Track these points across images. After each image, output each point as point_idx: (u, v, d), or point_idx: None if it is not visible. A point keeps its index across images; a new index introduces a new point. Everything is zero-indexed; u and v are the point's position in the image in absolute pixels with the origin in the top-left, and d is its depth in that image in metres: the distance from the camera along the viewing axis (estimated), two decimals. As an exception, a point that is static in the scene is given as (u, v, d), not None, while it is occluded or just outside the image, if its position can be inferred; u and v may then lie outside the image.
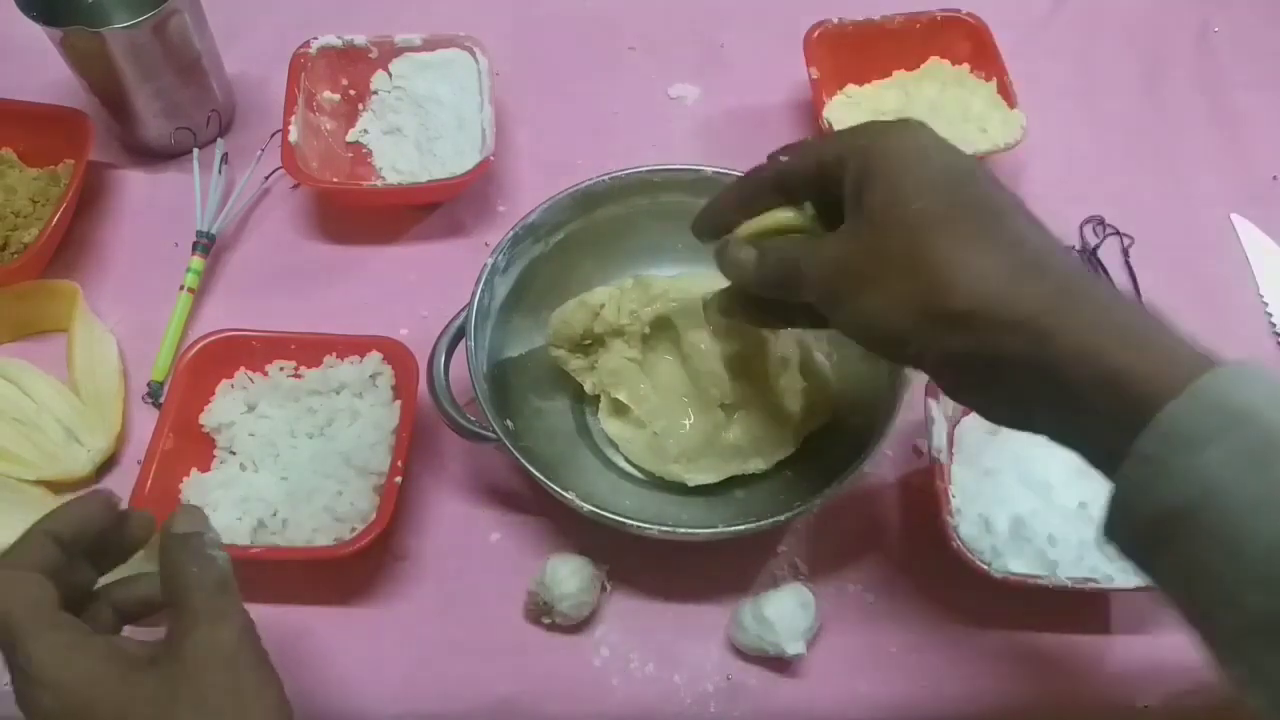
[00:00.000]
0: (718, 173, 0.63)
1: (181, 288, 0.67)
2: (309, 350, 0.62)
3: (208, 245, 0.69)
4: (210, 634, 0.40)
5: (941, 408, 0.59)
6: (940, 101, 0.74)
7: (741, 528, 0.52)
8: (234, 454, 0.59)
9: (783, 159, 0.45)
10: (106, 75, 0.68)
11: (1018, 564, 0.54)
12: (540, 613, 0.55)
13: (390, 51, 0.75)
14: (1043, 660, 0.55)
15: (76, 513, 0.43)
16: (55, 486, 0.60)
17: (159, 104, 0.71)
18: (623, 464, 0.60)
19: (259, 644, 0.42)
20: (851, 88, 0.76)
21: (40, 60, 0.70)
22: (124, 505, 0.46)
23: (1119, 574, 0.53)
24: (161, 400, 0.62)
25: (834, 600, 0.57)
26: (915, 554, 0.58)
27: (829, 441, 0.60)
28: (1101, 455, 0.36)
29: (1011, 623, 0.56)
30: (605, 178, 0.62)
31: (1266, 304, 0.69)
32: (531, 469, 0.53)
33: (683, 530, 0.52)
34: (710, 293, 0.54)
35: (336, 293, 0.69)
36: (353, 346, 0.61)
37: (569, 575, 0.54)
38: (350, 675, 0.55)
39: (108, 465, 0.61)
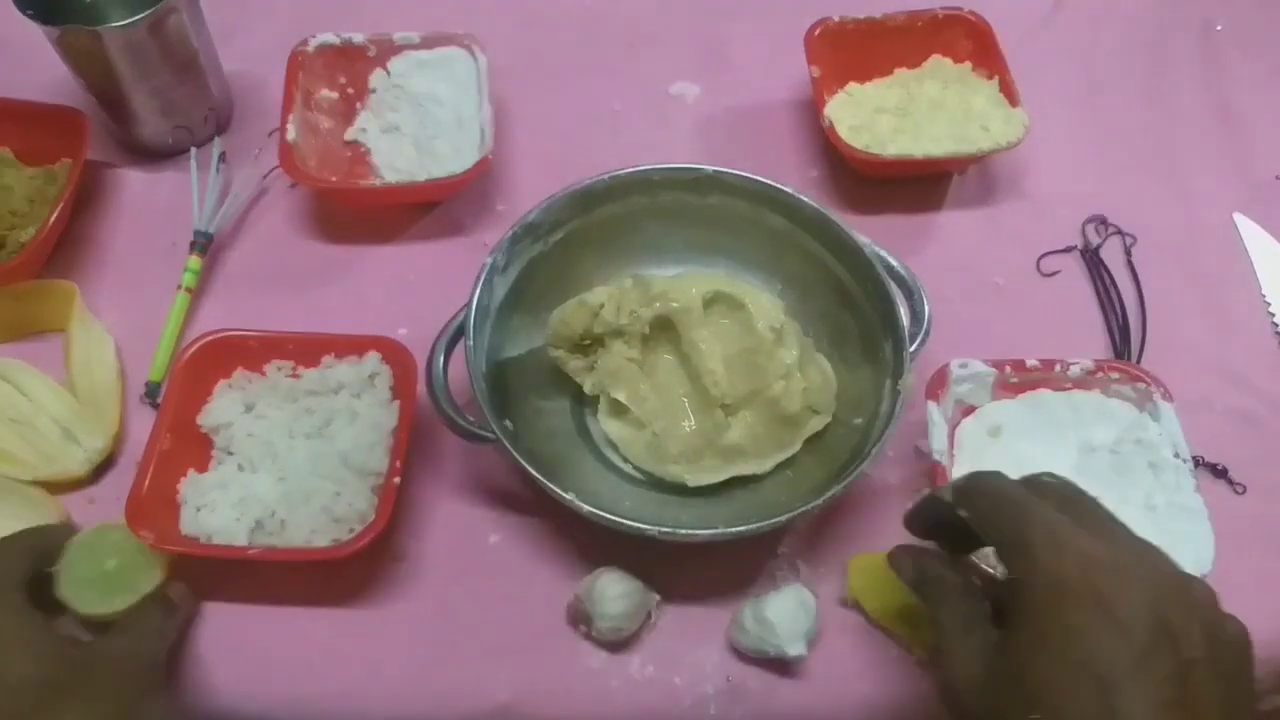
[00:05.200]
0: (718, 172, 0.63)
1: (179, 287, 0.67)
2: (307, 350, 0.61)
3: (205, 245, 0.68)
4: (139, 645, 0.51)
5: (941, 410, 0.58)
6: (942, 100, 0.73)
7: (742, 528, 0.52)
8: (232, 454, 0.59)
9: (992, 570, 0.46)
10: (103, 74, 0.68)
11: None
12: (580, 619, 0.55)
13: (389, 50, 0.75)
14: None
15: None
16: (52, 487, 0.59)
17: (156, 103, 0.71)
18: (622, 464, 0.60)
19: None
20: (853, 86, 0.75)
21: (37, 59, 0.70)
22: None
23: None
24: (159, 400, 0.62)
25: (834, 602, 0.56)
26: (916, 555, 0.58)
27: (829, 442, 0.59)
28: None
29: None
30: (605, 177, 0.62)
31: (1269, 303, 0.69)
32: (531, 469, 0.52)
33: (683, 531, 0.52)
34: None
35: (335, 292, 0.69)
36: (351, 346, 0.61)
37: (616, 597, 0.53)
38: (349, 677, 0.55)
39: (105, 466, 0.61)
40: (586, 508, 0.52)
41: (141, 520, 0.53)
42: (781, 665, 0.54)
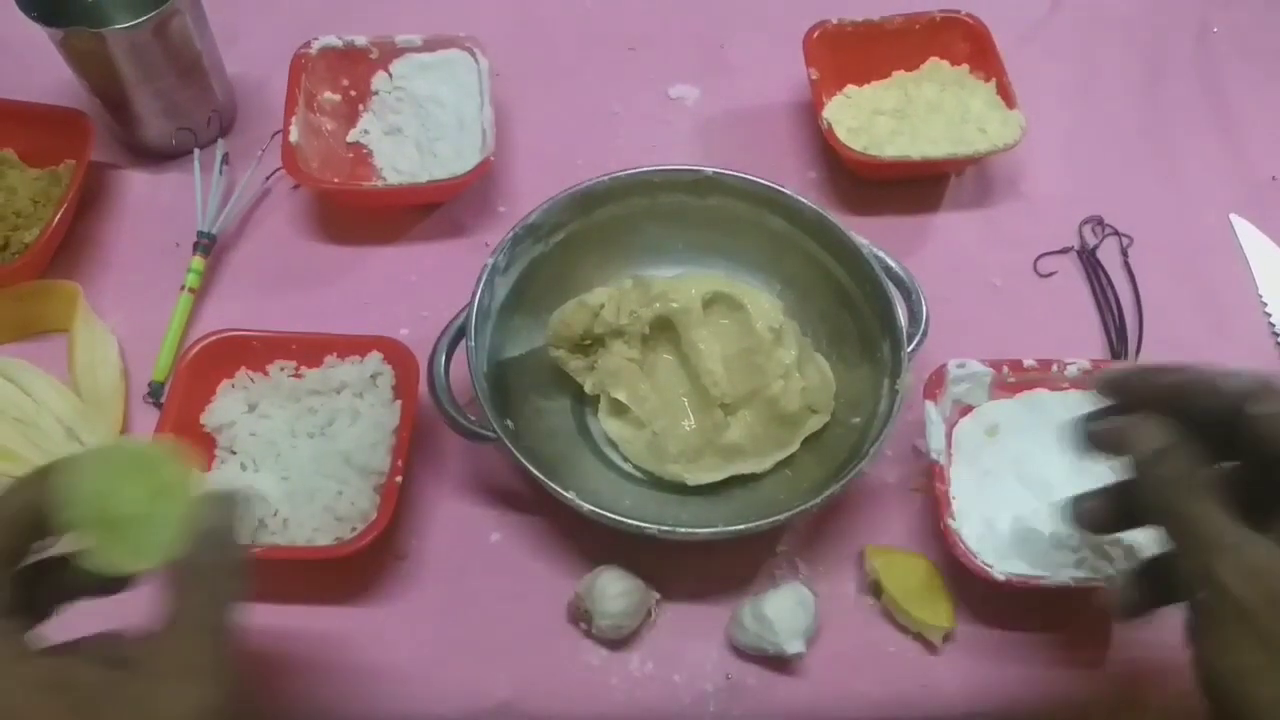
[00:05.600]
0: (717, 173, 0.63)
1: (182, 288, 0.67)
2: (310, 350, 0.62)
3: (208, 245, 0.69)
4: (181, 692, 0.31)
5: (939, 409, 0.59)
6: (939, 102, 0.74)
7: (741, 528, 0.52)
8: (235, 454, 0.59)
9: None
10: (107, 76, 0.68)
11: (1019, 564, 0.55)
12: (580, 617, 0.55)
13: (391, 52, 0.75)
14: (1043, 660, 0.55)
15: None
16: (56, 486, 0.60)
17: (159, 104, 0.71)
18: (622, 464, 0.60)
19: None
20: (851, 88, 0.76)
21: (41, 60, 0.70)
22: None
23: (1120, 574, 0.53)
24: (162, 400, 0.62)
25: (833, 599, 0.57)
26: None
27: (828, 441, 0.60)
28: None
29: (1011, 622, 0.56)
30: (605, 178, 0.63)
31: (1266, 305, 0.69)
32: (532, 468, 0.53)
33: (683, 530, 0.53)
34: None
35: (337, 293, 0.69)
36: (353, 346, 0.61)
37: (616, 595, 0.53)
38: (350, 675, 0.55)
39: (108, 465, 0.61)
40: (587, 506, 0.52)
41: (145, 519, 0.54)
42: (780, 663, 0.55)
